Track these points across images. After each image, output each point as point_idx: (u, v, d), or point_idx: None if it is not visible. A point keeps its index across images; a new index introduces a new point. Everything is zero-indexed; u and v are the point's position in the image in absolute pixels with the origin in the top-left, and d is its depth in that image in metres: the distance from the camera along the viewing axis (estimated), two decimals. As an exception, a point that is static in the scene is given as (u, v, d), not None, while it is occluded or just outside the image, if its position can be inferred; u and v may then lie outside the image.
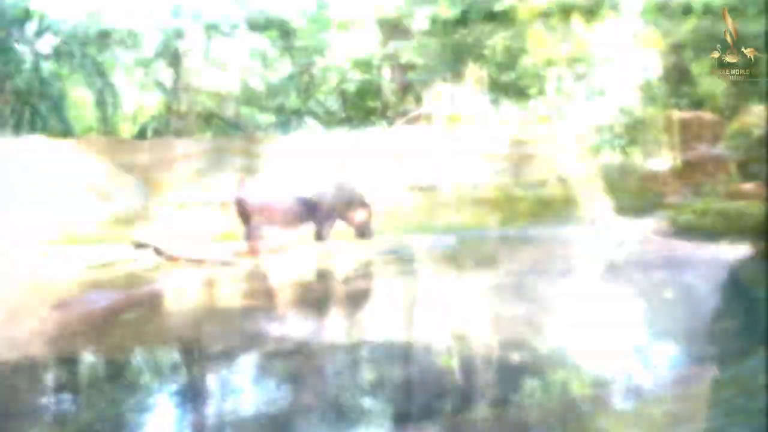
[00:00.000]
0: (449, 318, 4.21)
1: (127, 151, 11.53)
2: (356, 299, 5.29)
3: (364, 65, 13.85)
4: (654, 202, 10.71)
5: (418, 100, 13.27)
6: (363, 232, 8.56)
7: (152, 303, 5.13)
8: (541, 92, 10.45)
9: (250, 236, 7.68)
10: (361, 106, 13.96)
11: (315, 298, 5.26)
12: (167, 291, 5.62)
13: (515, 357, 3.17)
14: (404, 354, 3.30)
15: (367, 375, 2.92)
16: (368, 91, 13.82)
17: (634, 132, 10.29)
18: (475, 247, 9.02)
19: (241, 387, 2.82)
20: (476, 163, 11.57)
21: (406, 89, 13.30)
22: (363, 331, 4.02)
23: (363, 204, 8.51)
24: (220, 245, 8.61)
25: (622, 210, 11.16)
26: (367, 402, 2.56)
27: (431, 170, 11.56)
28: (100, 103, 14.03)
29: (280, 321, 4.40)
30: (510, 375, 2.91)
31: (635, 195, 11.11)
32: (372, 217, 8.73)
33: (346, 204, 8.28)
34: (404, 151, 11.54)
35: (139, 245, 8.56)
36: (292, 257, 7.60)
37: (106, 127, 14.27)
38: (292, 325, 4.28)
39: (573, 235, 9.98)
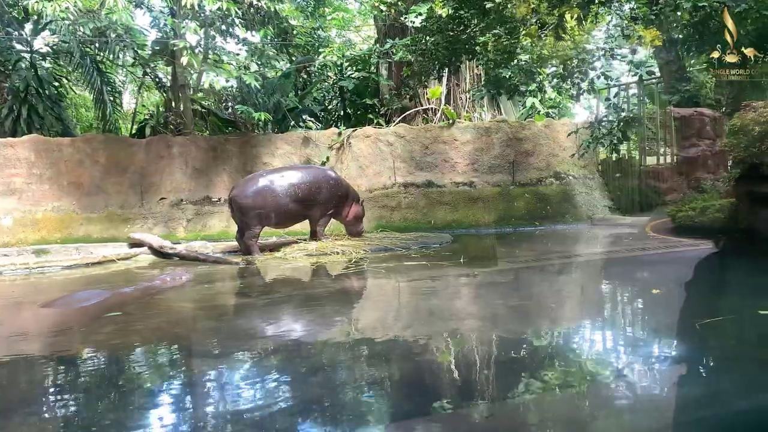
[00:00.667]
0: (446, 315, 4.19)
1: (125, 149, 11.54)
2: (351, 297, 5.28)
3: (361, 63, 13.81)
4: (653, 199, 10.67)
5: (415, 97, 13.24)
6: (357, 229, 8.55)
7: (147, 301, 5.13)
8: (537, 89, 10.38)
9: (244, 234, 7.66)
10: (359, 104, 13.93)
11: (310, 297, 5.24)
12: (162, 289, 5.62)
13: (513, 355, 3.16)
14: (401, 352, 3.28)
15: (364, 374, 2.91)
16: (365, 88, 13.77)
17: (631, 128, 10.22)
18: (473, 244, 9.00)
19: (237, 386, 2.81)
20: (472, 161, 11.55)
21: (402, 87, 13.25)
22: (359, 330, 4.01)
23: (357, 202, 8.51)
24: (215, 243, 8.62)
25: (621, 207, 11.14)
26: (366, 401, 2.55)
27: (427, 167, 11.54)
28: (99, 102, 14.05)
29: (274, 319, 4.39)
30: (508, 373, 2.89)
31: (634, 192, 11.07)
32: (365, 215, 8.72)
33: (341, 202, 8.26)
34: (401, 149, 11.53)
35: (135, 243, 8.57)
36: (287, 255, 7.59)
37: (105, 125, 14.30)
38: (287, 324, 4.27)
39: (571, 232, 9.96)
